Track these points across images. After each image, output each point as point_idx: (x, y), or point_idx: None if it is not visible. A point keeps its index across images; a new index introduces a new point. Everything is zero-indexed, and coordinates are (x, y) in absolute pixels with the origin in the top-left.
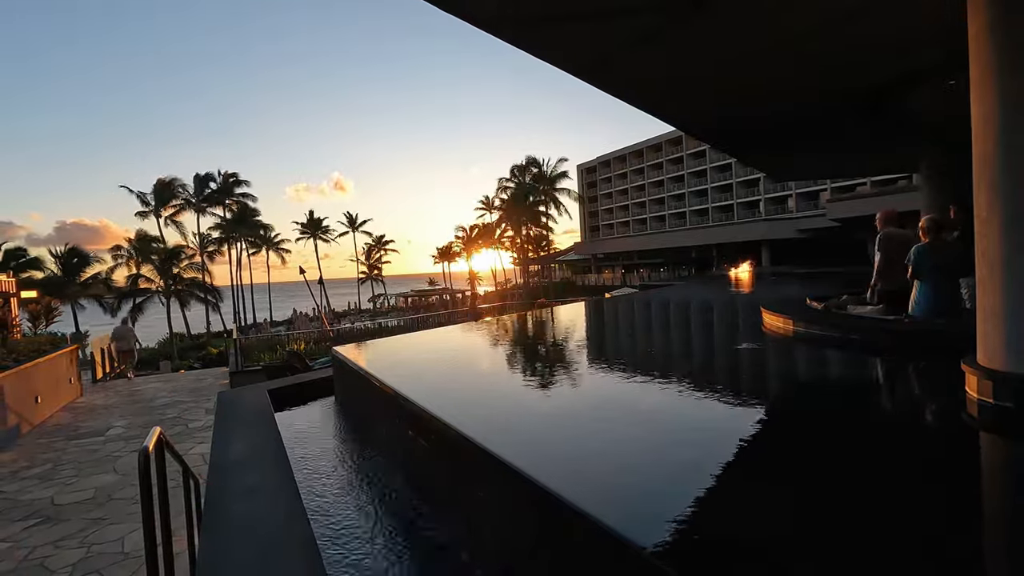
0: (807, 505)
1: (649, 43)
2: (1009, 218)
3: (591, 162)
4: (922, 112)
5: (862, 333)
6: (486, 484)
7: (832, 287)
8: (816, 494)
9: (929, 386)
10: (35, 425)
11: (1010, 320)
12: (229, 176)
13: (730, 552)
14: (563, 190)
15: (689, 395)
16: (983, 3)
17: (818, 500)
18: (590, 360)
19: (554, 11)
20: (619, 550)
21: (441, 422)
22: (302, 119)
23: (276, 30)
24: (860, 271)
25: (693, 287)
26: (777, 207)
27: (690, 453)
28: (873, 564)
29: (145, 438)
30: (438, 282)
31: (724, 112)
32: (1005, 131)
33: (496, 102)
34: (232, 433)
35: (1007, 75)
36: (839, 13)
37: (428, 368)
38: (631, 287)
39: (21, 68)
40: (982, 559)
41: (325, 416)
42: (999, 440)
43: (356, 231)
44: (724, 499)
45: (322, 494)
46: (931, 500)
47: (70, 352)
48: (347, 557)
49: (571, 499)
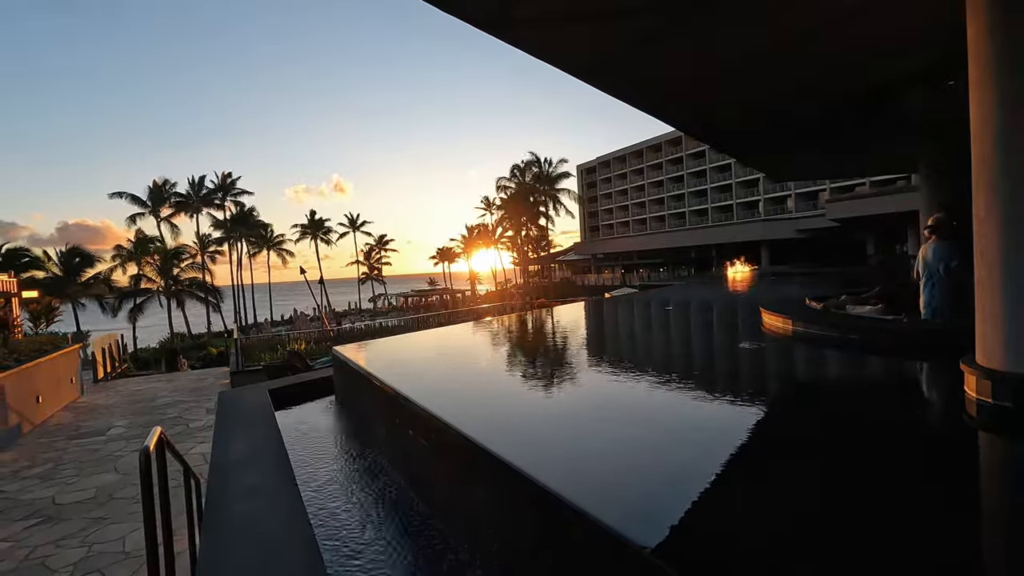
0: (806, 505)
1: (649, 44)
2: (1008, 218)
3: (591, 162)
4: (921, 112)
5: (861, 333)
6: (486, 483)
7: (831, 287)
8: (815, 494)
9: (928, 386)
10: (36, 425)
11: (1009, 320)
12: (227, 176)
13: (730, 552)
14: (563, 190)
15: (689, 395)
16: (983, 5)
17: (817, 500)
18: (590, 360)
19: (554, 12)
20: (619, 550)
21: (441, 422)
22: (301, 119)
23: (275, 31)
24: (859, 271)
25: (692, 287)
26: (776, 207)
27: (690, 453)
28: (872, 563)
29: (146, 438)
30: (438, 282)
31: (724, 112)
32: (1004, 132)
33: (496, 103)
34: (233, 433)
35: (1006, 76)
36: (839, 13)
37: (428, 368)
38: (631, 287)
39: (22, 69)
40: (981, 558)
41: (326, 415)
42: (998, 440)
43: (357, 231)
44: (724, 499)
45: (323, 493)
46: (930, 499)
47: (71, 352)
48: (347, 556)
49: (571, 499)
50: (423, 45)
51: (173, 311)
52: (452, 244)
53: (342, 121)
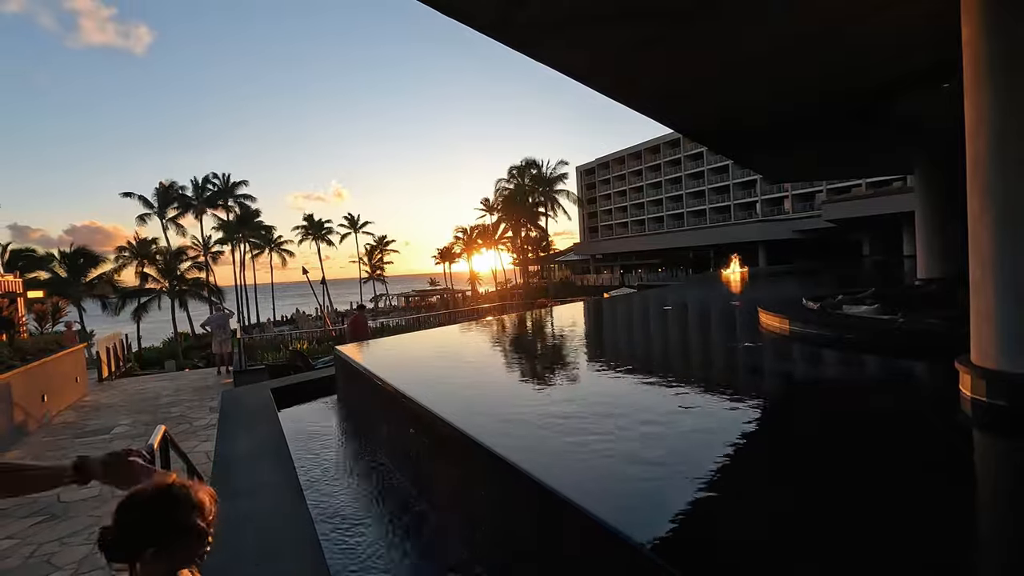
0: (804, 503)
1: (650, 47)
2: (1001, 218)
3: (590, 164)
4: (918, 114)
5: (857, 332)
6: (486, 481)
7: (828, 287)
8: (813, 492)
9: (923, 385)
10: (42, 423)
11: (1003, 319)
12: (229, 178)
13: (730, 550)
14: (562, 191)
15: (688, 394)
16: (976, 9)
17: (815, 498)
18: (590, 359)
19: (555, 16)
20: (618, 547)
21: (442, 420)
22: (301, 123)
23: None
24: (857, 271)
25: (690, 287)
26: (773, 208)
27: (690, 451)
28: (871, 561)
29: (150, 436)
30: (439, 282)
31: (724, 115)
32: (997, 134)
33: (496, 105)
34: (236, 431)
35: (1000, 79)
36: (839, 14)
37: (429, 367)
38: (629, 287)
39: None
40: (978, 554)
41: (327, 414)
42: (993, 437)
43: (358, 232)
44: (722, 497)
45: (325, 490)
46: (926, 497)
47: (77, 351)
48: (349, 552)
49: (571, 496)
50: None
51: (177, 311)
52: (451, 244)
53: (341, 122)
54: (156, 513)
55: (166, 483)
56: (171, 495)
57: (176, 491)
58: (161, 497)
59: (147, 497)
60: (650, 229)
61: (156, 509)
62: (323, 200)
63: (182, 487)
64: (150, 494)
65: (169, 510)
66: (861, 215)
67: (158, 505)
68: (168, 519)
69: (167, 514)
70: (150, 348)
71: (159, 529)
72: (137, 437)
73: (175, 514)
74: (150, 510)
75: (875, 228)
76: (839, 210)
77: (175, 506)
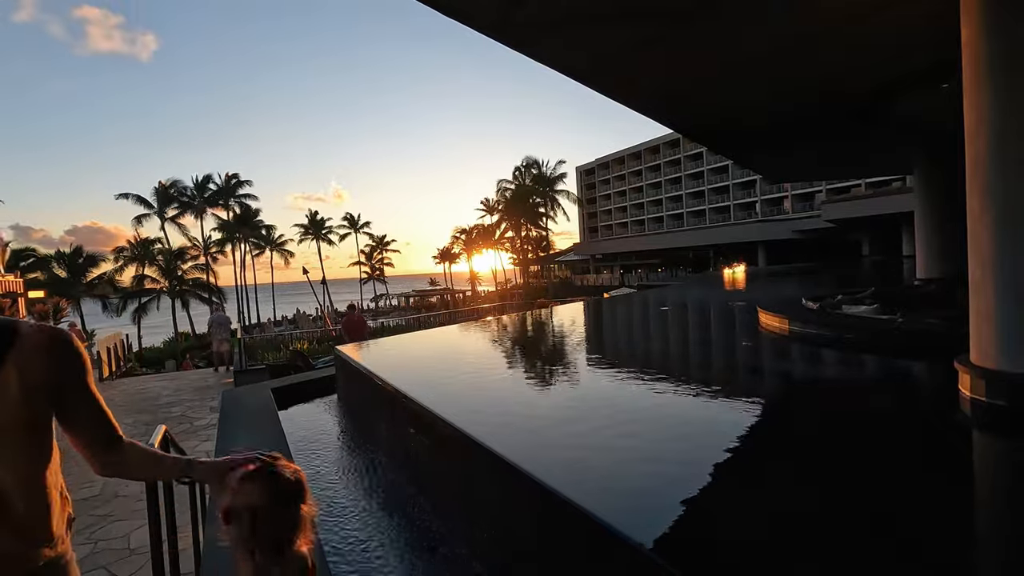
0: (804, 503)
1: (650, 47)
2: (1001, 219)
3: (590, 164)
4: (918, 114)
5: (857, 332)
6: (487, 481)
7: (828, 287)
8: (813, 491)
9: (923, 385)
10: None
11: (1003, 319)
12: (231, 177)
13: (730, 550)
14: (562, 191)
15: (687, 394)
16: (975, 9)
17: (815, 497)
18: (590, 359)
19: (553, 16)
20: (618, 547)
21: (442, 420)
22: (301, 123)
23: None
24: (857, 271)
25: (690, 287)
26: (773, 208)
27: (689, 451)
28: (871, 561)
29: (151, 435)
30: (439, 282)
31: (724, 115)
32: (997, 134)
33: (496, 105)
34: (236, 430)
35: (1000, 79)
36: (839, 15)
37: (429, 367)
38: (629, 287)
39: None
40: (977, 553)
41: (328, 414)
42: (992, 437)
43: (358, 232)
44: (722, 497)
45: (325, 490)
46: (926, 496)
47: None
48: (349, 551)
49: (571, 496)
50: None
51: (177, 311)
52: (450, 244)
53: (342, 123)
54: (297, 505)
55: (299, 475)
56: (303, 487)
57: (303, 484)
58: (301, 490)
59: (294, 491)
60: (650, 229)
61: (298, 502)
62: (323, 201)
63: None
64: (295, 487)
65: (302, 500)
66: (860, 215)
67: (300, 498)
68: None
69: (300, 503)
70: (151, 348)
71: (298, 519)
72: (138, 437)
73: (304, 501)
74: (296, 502)
75: (874, 228)
76: (838, 210)
77: (304, 495)
